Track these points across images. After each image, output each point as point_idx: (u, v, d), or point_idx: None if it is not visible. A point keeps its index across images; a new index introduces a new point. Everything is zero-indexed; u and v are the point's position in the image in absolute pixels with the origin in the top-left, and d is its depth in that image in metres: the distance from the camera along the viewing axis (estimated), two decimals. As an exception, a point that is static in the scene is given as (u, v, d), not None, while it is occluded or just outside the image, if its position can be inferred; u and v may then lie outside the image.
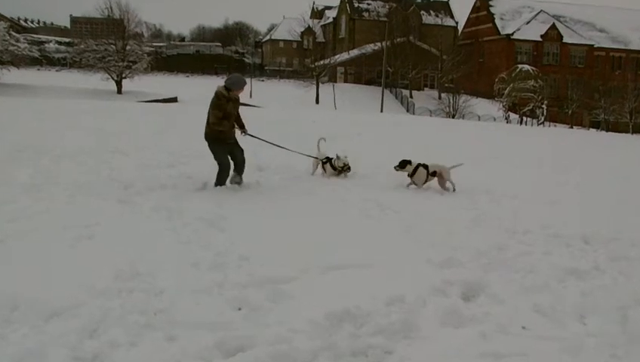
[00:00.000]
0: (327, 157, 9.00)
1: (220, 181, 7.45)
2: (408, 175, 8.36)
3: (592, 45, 61.27)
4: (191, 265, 4.55)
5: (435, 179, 8.38)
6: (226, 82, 7.32)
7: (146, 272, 4.30)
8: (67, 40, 65.50)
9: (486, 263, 5.00)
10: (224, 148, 7.43)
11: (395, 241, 5.63)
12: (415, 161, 8.39)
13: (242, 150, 7.62)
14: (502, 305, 4.08)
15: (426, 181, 8.31)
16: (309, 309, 3.72)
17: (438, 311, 3.83)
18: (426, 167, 8.30)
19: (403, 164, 8.42)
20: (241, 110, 7.83)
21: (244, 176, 7.72)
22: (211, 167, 7.65)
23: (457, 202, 7.70)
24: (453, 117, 47.93)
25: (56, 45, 67.32)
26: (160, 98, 38.38)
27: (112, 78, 43.11)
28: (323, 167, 8.97)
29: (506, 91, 47.72)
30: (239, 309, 3.79)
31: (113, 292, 3.91)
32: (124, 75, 43.51)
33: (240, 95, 7.57)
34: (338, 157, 8.82)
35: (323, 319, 3.60)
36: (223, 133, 7.29)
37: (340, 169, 8.79)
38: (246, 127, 7.77)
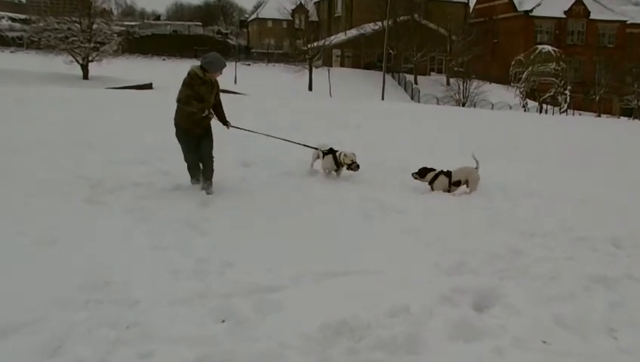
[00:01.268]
0: (331, 149, 8.74)
1: (193, 175, 7.40)
2: (428, 183, 8.20)
3: (625, 21, 61.07)
4: (169, 273, 4.55)
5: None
6: (202, 61, 7.17)
7: (117, 281, 4.31)
8: (23, 16, 65.03)
9: (501, 269, 5.03)
10: (191, 141, 7.20)
11: (398, 245, 5.65)
12: (436, 169, 8.22)
13: (211, 142, 7.32)
14: (519, 316, 4.11)
15: (448, 190, 8.14)
16: (302, 321, 3.73)
17: (446, 323, 3.86)
18: (448, 174, 8.19)
19: (423, 173, 8.24)
20: (224, 98, 7.76)
21: (217, 174, 7.53)
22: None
23: (469, 201, 7.71)
24: (463, 105, 47.94)
25: (10, 22, 66.88)
26: (132, 84, 38.19)
27: (77, 62, 42.83)
28: (324, 159, 8.69)
29: (524, 76, 47.80)
30: (223, 322, 3.80)
31: (79, 303, 3.92)
32: (90, 58, 43.22)
33: (219, 79, 7.37)
34: (346, 155, 8.53)
35: (317, 332, 3.62)
36: (193, 115, 7.03)
37: (348, 166, 8.50)
38: (227, 118, 7.61)
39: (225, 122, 7.57)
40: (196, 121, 7.12)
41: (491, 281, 4.69)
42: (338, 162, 8.60)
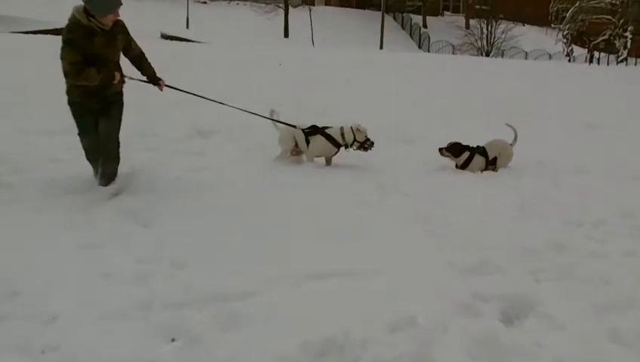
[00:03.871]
0: (314, 126, 8.14)
1: (96, 166, 6.80)
2: (457, 165, 8.28)
3: None
4: (99, 277, 4.53)
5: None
6: (83, 1, 6.37)
7: (29, 291, 4.27)
8: None
9: (537, 269, 5.06)
10: (89, 118, 6.62)
11: (401, 237, 5.68)
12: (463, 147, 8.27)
13: (118, 120, 6.71)
14: (562, 331, 4.13)
15: (485, 169, 8.26)
16: (276, 338, 3.74)
17: (465, 339, 3.88)
18: (483, 152, 8.28)
19: (457, 151, 8.25)
20: (174, 47, 7.59)
21: (162, 147, 7.28)
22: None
23: (496, 180, 7.75)
24: (487, 54, 48.09)
25: None
26: (48, 27, 37.75)
27: (-32, -4, 42.19)
28: (307, 142, 8.09)
29: (569, 14, 47.78)
30: (173, 341, 3.80)
31: (-22, 321, 3.89)
32: (-14, -10, 42.59)
33: (116, 21, 6.56)
34: (358, 129, 7.98)
35: (297, 351, 3.63)
36: (87, 91, 6.42)
37: (360, 144, 8.01)
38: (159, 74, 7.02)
39: (155, 81, 6.97)
40: (96, 89, 6.47)
41: (524, 284, 4.72)
42: (338, 143, 8.02)
